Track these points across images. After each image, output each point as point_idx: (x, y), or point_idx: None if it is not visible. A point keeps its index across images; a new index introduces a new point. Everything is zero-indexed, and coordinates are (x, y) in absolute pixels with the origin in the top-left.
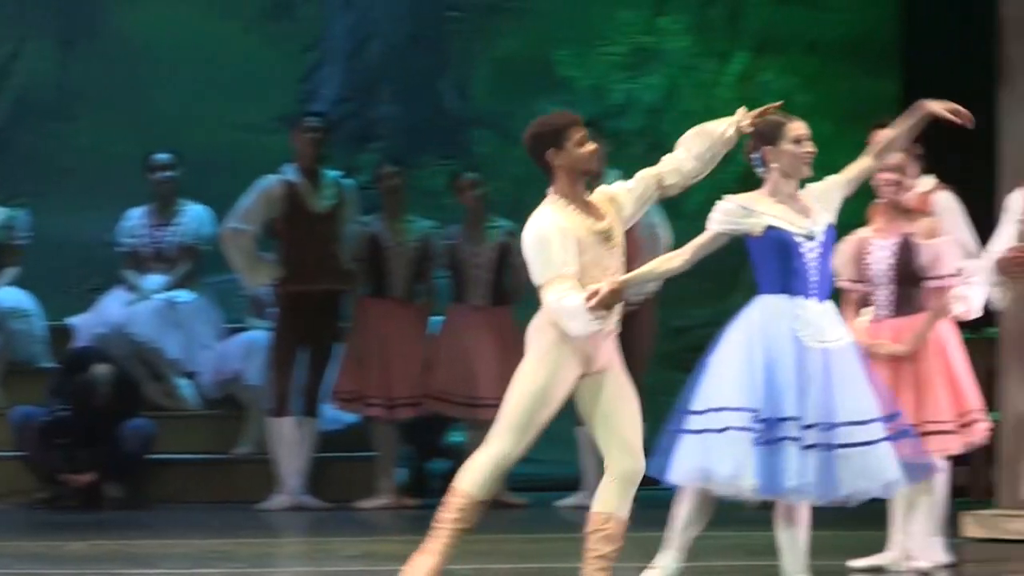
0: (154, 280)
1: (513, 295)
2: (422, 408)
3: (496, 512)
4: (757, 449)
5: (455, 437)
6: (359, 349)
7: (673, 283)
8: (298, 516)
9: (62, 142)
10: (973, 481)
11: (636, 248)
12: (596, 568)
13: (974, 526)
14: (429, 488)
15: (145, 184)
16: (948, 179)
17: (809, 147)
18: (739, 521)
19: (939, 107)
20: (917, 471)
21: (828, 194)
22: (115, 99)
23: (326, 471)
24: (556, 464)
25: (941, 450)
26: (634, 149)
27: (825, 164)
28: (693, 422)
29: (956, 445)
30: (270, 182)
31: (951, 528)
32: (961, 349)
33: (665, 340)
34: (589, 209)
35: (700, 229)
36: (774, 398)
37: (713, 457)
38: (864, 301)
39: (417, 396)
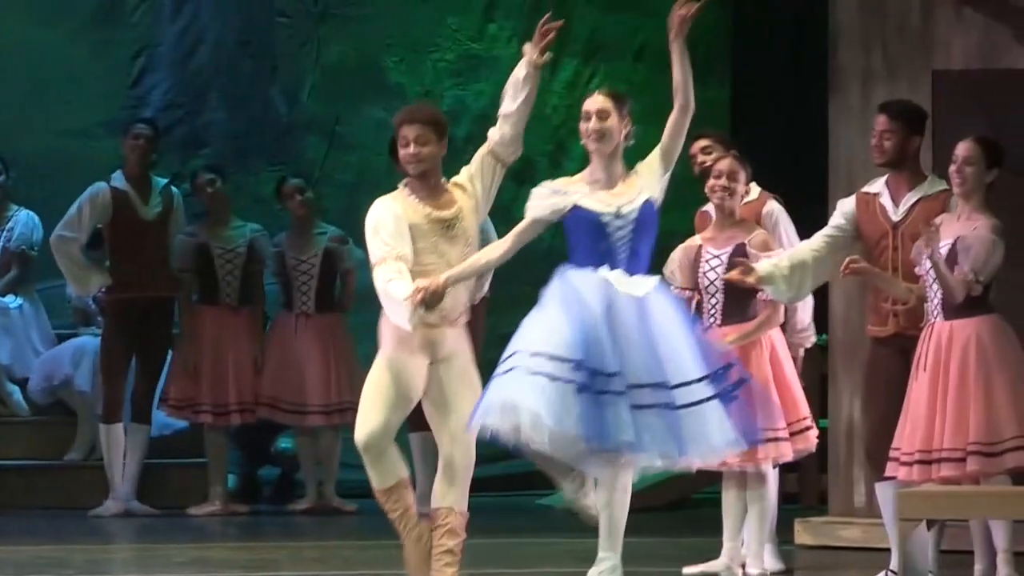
0: None
1: (344, 302)
2: (252, 414)
3: (327, 518)
4: (580, 398)
5: (284, 443)
6: (189, 355)
7: (503, 289)
8: (129, 522)
9: None
10: (804, 488)
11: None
12: (443, 564)
13: (805, 533)
14: (259, 494)
15: None
16: (780, 187)
17: (590, 124)
18: (568, 528)
19: (678, 15)
20: (749, 434)
21: (650, 167)
22: None
23: (157, 477)
24: None
25: (774, 457)
26: (465, 156)
27: None
28: (504, 364)
29: (788, 452)
30: (98, 189)
31: (783, 535)
32: (790, 357)
33: (495, 347)
34: (436, 198)
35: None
36: (593, 351)
37: (530, 397)
38: (696, 307)
39: (247, 402)
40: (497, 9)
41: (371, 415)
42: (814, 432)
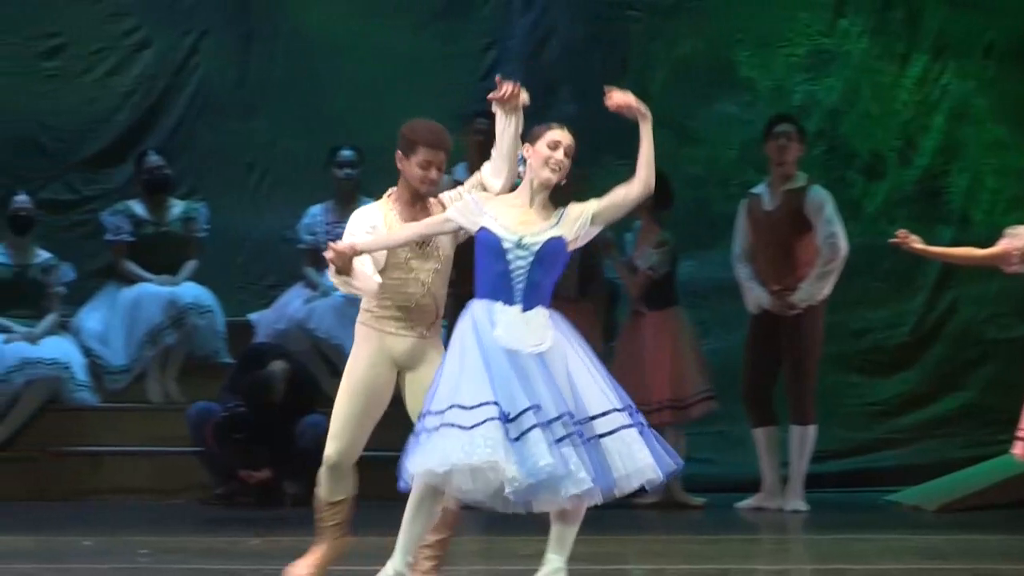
0: None
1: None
2: None
3: (673, 513)
4: (507, 441)
5: None
6: None
7: (850, 285)
8: (475, 513)
9: (241, 138)
10: None
11: (814, 254)
12: (424, 556)
13: None
14: None
15: (323, 181)
16: None
17: (557, 155)
18: (913, 524)
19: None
20: (664, 464)
21: (578, 219)
22: (293, 96)
23: None
24: (734, 465)
25: None
26: (814, 150)
27: (1001, 168)
28: (430, 421)
29: None
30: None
31: None
32: None
33: (842, 342)
34: (417, 216)
35: (879, 231)
36: (504, 391)
37: (458, 452)
38: None
39: None
40: (848, 4)
41: (344, 433)
42: None
